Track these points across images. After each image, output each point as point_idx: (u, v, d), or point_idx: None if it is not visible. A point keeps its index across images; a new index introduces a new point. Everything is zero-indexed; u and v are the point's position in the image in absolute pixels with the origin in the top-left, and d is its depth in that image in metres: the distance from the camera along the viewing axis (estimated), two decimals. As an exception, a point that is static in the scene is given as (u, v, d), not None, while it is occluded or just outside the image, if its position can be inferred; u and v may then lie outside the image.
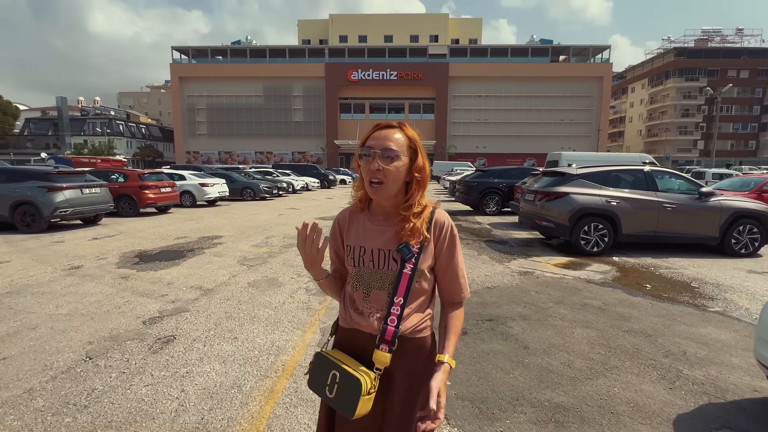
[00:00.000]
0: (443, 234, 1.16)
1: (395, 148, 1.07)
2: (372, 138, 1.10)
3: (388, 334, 1.09)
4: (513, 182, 11.81)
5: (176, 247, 7.10)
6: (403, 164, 1.09)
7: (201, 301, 4.23)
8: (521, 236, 8.53)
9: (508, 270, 5.61)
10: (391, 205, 1.14)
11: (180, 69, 53.03)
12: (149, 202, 11.72)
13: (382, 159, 1.06)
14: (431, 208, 1.16)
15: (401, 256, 1.10)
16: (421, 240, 1.12)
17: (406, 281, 1.10)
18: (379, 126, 1.13)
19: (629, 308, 4.08)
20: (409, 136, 1.12)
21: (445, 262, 1.16)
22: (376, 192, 1.09)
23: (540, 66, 51.41)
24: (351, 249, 1.18)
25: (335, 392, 1.07)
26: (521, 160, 49.27)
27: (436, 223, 1.15)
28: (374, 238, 1.15)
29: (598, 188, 6.65)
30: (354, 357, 1.13)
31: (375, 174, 1.07)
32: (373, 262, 1.14)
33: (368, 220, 1.19)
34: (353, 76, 50.91)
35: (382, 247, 1.14)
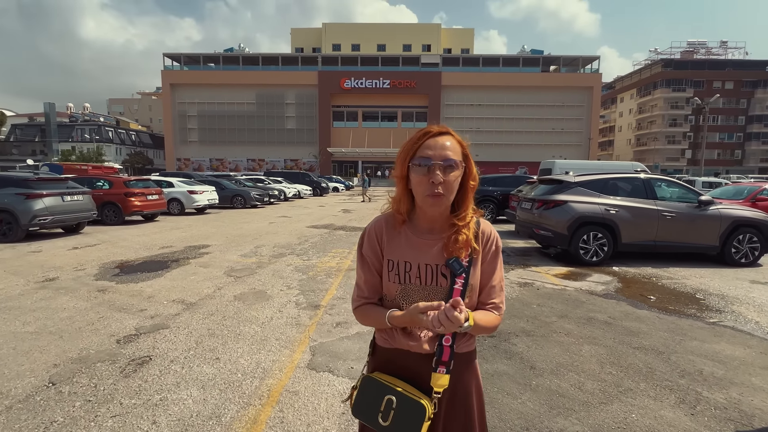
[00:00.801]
0: (489, 245, 1.11)
1: (455, 158, 1.01)
2: (427, 146, 1.02)
3: (446, 354, 1.02)
4: (508, 190, 11.69)
5: (160, 258, 6.78)
6: (460, 174, 1.04)
7: (183, 316, 3.95)
8: (518, 245, 8.36)
9: (507, 281, 5.40)
10: (441, 215, 1.08)
11: (171, 76, 52.64)
12: (135, 210, 11.35)
13: (443, 169, 0.99)
14: (475, 219, 1.11)
15: (451, 270, 1.04)
16: (470, 253, 1.06)
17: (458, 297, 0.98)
18: (430, 133, 1.04)
19: (636, 322, 3.88)
20: (461, 143, 1.07)
21: (489, 274, 1.10)
22: (435, 204, 1.02)
23: (531, 76, 52.03)
24: (394, 264, 1.09)
25: (391, 419, 0.99)
26: (513, 168, 49.48)
27: (483, 233, 1.10)
28: (421, 252, 1.08)
29: (596, 196, 6.51)
30: (402, 379, 1.06)
31: (437, 186, 0.99)
32: (420, 278, 1.07)
33: (412, 233, 1.10)
34: (346, 84, 50.99)
35: (430, 263, 1.07)
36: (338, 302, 4.44)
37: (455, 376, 1.06)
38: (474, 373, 1.13)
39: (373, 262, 1.12)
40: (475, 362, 1.15)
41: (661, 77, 59.20)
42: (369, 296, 1.13)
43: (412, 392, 1.01)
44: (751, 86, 58.57)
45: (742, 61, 60.70)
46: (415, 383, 1.04)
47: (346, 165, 53.79)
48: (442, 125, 1.07)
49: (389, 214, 1.14)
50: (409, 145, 1.05)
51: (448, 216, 1.08)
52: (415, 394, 1.00)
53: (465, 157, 1.06)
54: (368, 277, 1.13)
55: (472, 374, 1.13)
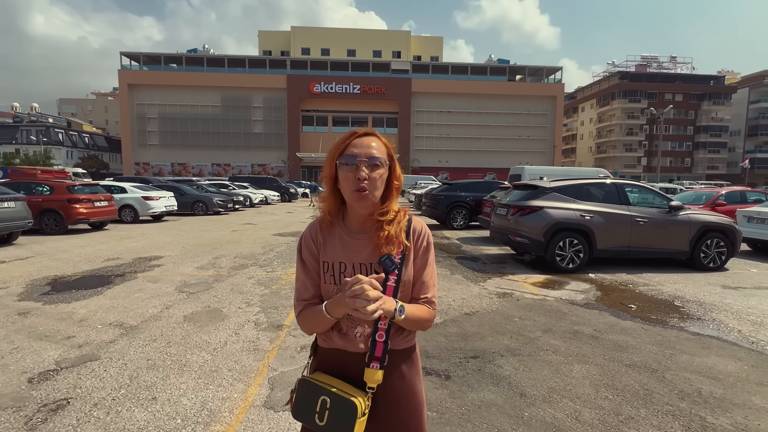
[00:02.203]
0: (421, 241, 1.13)
1: (380, 156, 1.05)
2: (354, 145, 1.06)
3: (378, 350, 1.05)
4: (480, 196, 11.57)
5: (103, 271, 6.05)
6: (385, 172, 1.07)
7: (118, 343, 3.37)
8: (492, 252, 8.17)
9: (486, 291, 5.12)
10: (369, 214, 1.10)
11: (129, 75, 50.02)
12: (80, 218, 10.33)
13: (368, 167, 1.03)
14: (407, 216, 1.14)
15: (384, 268, 1.05)
16: (402, 249, 1.08)
17: (391, 294, 1.04)
18: (357, 134, 1.08)
19: (623, 335, 3.68)
20: (386, 145, 1.11)
21: (421, 269, 1.13)
22: (361, 199, 1.04)
23: (498, 84, 53.36)
24: (329, 266, 1.11)
25: (326, 419, 1.01)
26: (482, 174, 50.44)
27: (414, 230, 1.13)
28: (354, 252, 1.10)
29: (572, 202, 6.40)
30: (340, 377, 1.09)
31: (361, 182, 1.02)
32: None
33: (345, 234, 1.13)
34: (316, 88, 50.28)
35: (364, 262, 1.09)
36: (304, 320, 3.98)
37: (395, 374, 1.09)
38: (415, 369, 1.15)
39: (313, 265, 1.13)
40: (415, 358, 1.17)
41: (618, 88, 62.36)
42: (310, 298, 1.12)
43: (345, 391, 1.02)
44: (698, 99, 62.76)
45: (689, 75, 65.07)
46: (352, 381, 1.06)
47: (316, 170, 52.88)
48: (372, 129, 1.11)
49: (323, 217, 1.15)
50: (337, 145, 1.08)
51: (375, 213, 1.10)
52: (349, 392, 1.01)
53: (390, 158, 1.09)
54: (309, 280, 1.13)
55: (413, 371, 1.14)
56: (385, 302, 0.95)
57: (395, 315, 0.98)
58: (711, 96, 62.42)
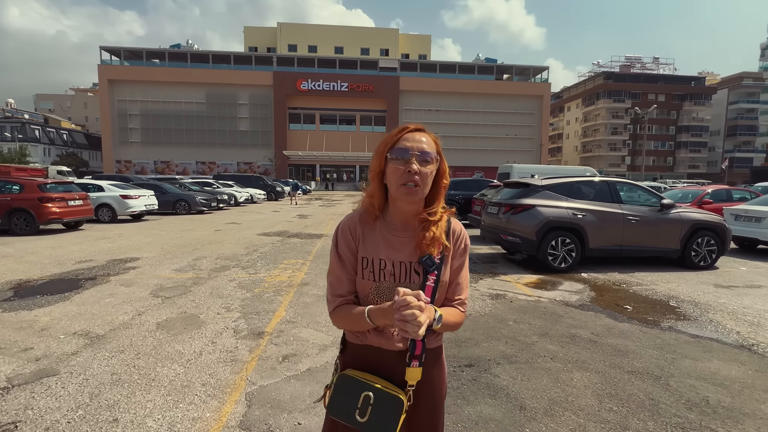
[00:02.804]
0: (459, 243, 1.13)
1: (431, 151, 1.03)
2: (406, 139, 1.04)
3: (418, 349, 1.04)
4: (470, 194, 11.43)
5: (74, 275, 5.68)
6: (435, 169, 1.05)
7: (81, 355, 3.07)
8: (483, 251, 8.02)
9: (478, 293, 4.95)
10: (414, 212, 1.08)
11: (110, 71, 48.65)
12: (52, 218, 9.82)
13: (420, 161, 1.01)
14: (446, 217, 1.12)
15: (423, 268, 1.05)
16: (441, 250, 1.08)
17: (430, 294, 1.03)
18: (408, 129, 1.06)
19: (621, 339, 3.53)
20: (436, 141, 1.08)
21: (457, 271, 1.12)
22: (410, 194, 1.02)
23: (486, 83, 53.57)
24: (368, 262, 1.08)
25: (369, 415, 1.00)
26: (470, 173, 50.59)
27: (454, 231, 1.12)
28: (395, 250, 1.08)
29: (564, 200, 6.27)
30: (375, 374, 1.07)
31: (412, 177, 1.00)
32: (394, 276, 1.07)
33: (386, 230, 1.10)
34: (303, 85, 49.69)
35: (404, 260, 1.07)
36: (287, 327, 3.74)
37: (427, 370, 1.08)
38: (441, 367, 1.16)
39: (350, 260, 1.10)
40: (442, 356, 1.18)
41: (603, 88, 63.26)
42: (346, 294, 1.10)
43: (389, 387, 1.02)
44: (680, 99, 64.11)
45: (672, 75, 66.42)
46: (388, 378, 1.06)
47: (303, 168, 52.34)
48: (419, 123, 1.08)
49: (362, 211, 1.13)
50: (387, 139, 1.06)
51: (420, 212, 1.08)
52: (392, 389, 1.02)
53: (439, 155, 1.07)
54: (345, 275, 1.10)
55: (440, 368, 1.16)
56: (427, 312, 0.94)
57: (433, 324, 0.98)
58: (692, 96, 63.84)
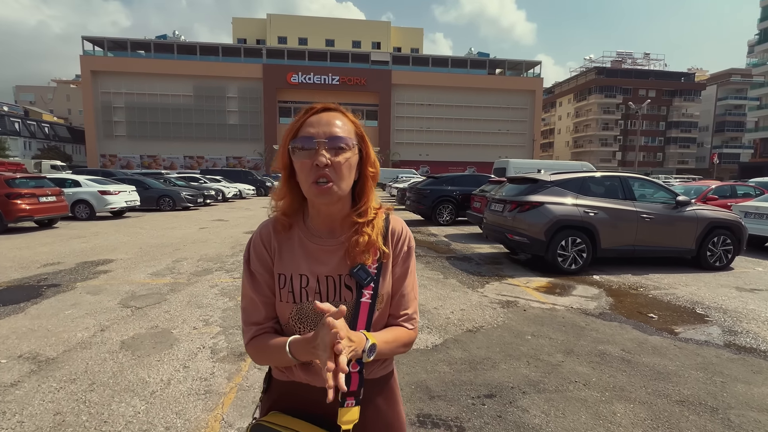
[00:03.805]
0: (401, 246, 0.91)
1: (345, 136, 0.80)
2: (309, 124, 0.80)
3: (354, 383, 0.80)
4: (468, 190, 11.00)
5: (35, 280, 5.09)
6: (354, 156, 0.82)
7: (22, 387, 2.54)
8: (484, 251, 7.58)
9: (486, 299, 4.49)
10: (338, 212, 0.86)
11: (93, 62, 47.06)
12: (21, 215, 9.13)
13: (330, 150, 0.78)
14: (383, 214, 0.90)
15: (357, 281, 0.84)
16: (378, 257, 0.86)
17: (366, 312, 0.82)
18: (314, 109, 0.83)
19: (657, 356, 3.10)
20: (354, 122, 0.85)
21: (401, 280, 0.90)
22: (323, 194, 0.79)
23: (478, 78, 53.16)
24: (286, 280, 0.86)
25: None
26: (462, 168, 50.29)
27: (393, 232, 0.90)
28: (319, 262, 0.86)
29: (574, 197, 5.84)
30: (303, 418, 0.85)
31: (322, 171, 0.77)
32: (319, 294, 0.85)
33: (306, 239, 0.88)
34: (293, 78, 48.72)
35: (331, 274, 0.85)
36: (274, 345, 3.24)
37: (371, 407, 0.87)
38: (393, 399, 0.93)
39: (265, 279, 0.89)
40: (393, 385, 0.94)
41: (595, 84, 63.29)
42: (263, 321, 0.87)
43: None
44: (670, 95, 64.48)
45: (662, 71, 66.72)
46: (319, 421, 0.85)
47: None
48: (335, 104, 0.84)
49: (277, 218, 0.90)
50: (290, 125, 0.84)
51: (349, 213, 0.87)
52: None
53: (360, 138, 0.85)
54: (260, 297, 0.88)
55: (390, 401, 0.93)
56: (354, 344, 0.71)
57: (363, 357, 0.75)
58: (682, 92, 64.23)
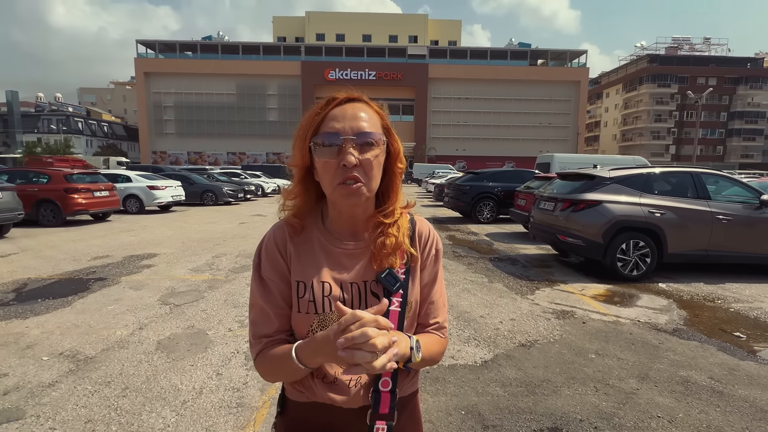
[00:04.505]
0: (429, 249, 0.81)
1: (373, 130, 0.70)
2: (333, 118, 0.69)
3: (385, 404, 0.71)
4: (510, 186, 10.44)
5: (84, 273, 5.25)
6: (383, 152, 0.72)
7: (59, 389, 2.49)
8: (530, 251, 7.09)
9: (538, 308, 4.09)
10: (363, 213, 0.76)
11: (146, 64, 49.74)
12: (78, 209, 9.64)
13: (358, 147, 0.68)
14: (407, 214, 0.81)
15: (385, 287, 0.74)
16: (406, 261, 0.76)
17: (396, 322, 0.71)
18: (336, 100, 0.71)
19: (755, 388, 2.62)
20: (379, 113, 0.75)
21: (429, 286, 0.81)
22: (351, 195, 0.68)
23: (519, 69, 51.16)
24: (306, 288, 0.74)
25: None
26: (500, 163, 48.75)
27: (420, 234, 0.81)
28: (342, 267, 0.75)
29: (637, 195, 5.26)
30: None
31: (351, 171, 0.67)
32: (344, 303, 0.72)
33: (328, 242, 0.77)
34: (330, 75, 49.09)
35: (356, 280, 0.75)
36: (310, 352, 3.05)
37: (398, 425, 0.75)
38: (417, 419, 0.84)
39: (279, 288, 0.76)
40: (418, 403, 0.85)
41: (647, 72, 59.12)
42: (273, 334, 0.75)
43: None
44: (733, 83, 59.05)
45: (725, 57, 61.23)
46: None
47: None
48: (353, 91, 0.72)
49: (290, 220, 0.79)
50: (309, 118, 0.72)
51: (373, 213, 0.77)
52: None
53: (387, 132, 0.74)
54: (272, 308, 0.75)
55: (415, 422, 0.83)
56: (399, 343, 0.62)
57: (411, 357, 0.66)
58: (747, 80, 58.67)
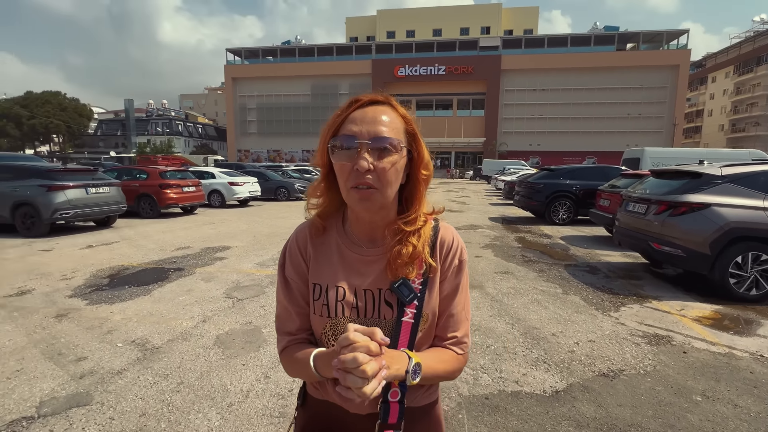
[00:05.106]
0: (451, 258, 0.79)
1: (392, 135, 0.69)
2: (352, 120, 0.69)
3: (393, 415, 0.71)
4: (591, 185, 9.42)
5: (167, 263, 5.71)
6: (402, 160, 0.71)
7: (124, 377, 2.64)
8: (614, 259, 6.27)
9: (624, 329, 3.52)
10: (382, 219, 0.76)
11: (233, 70, 54.19)
12: (170, 203, 10.69)
13: (374, 152, 0.68)
14: (431, 222, 0.79)
15: (399, 298, 0.74)
16: (424, 271, 0.75)
17: (408, 333, 0.72)
18: (359, 102, 0.71)
19: None
20: (404, 116, 0.74)
21: (450, 298, 0.78)
22: (363, 200, 0.69)
23: (604, 55, 46.56)
24: (321, 290, 0.77)
25: None
26: (580, 159, 44.94)
27: (443, 242, 0.79)
28: (358, 273, 0.77)
29: (759, 197, 4.31)
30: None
31: (363, 176, 0.67)
32: (356, 309, 0.76)
33: (345, 246, 0.79)
34: (400, 72, 49.16)
35: (370, 287, 0.76)
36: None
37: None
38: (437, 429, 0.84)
39: (299, 288, 0.80)
40: (438, 416, 0.84)
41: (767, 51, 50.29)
42: (296, 332, 0.80)
43: None
44: None
45: None
46: None
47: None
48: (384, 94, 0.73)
49: (313, 221, 0.81)
50: (332, 119, 0.72)
51: (393, 219, 0.76)
52: None
53: (411, 137, 0.74)
54: (294, 307, 0.80)
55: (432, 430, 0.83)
56: (392, 364, 0.64)
57: (407, 379, 0.67)
58: None
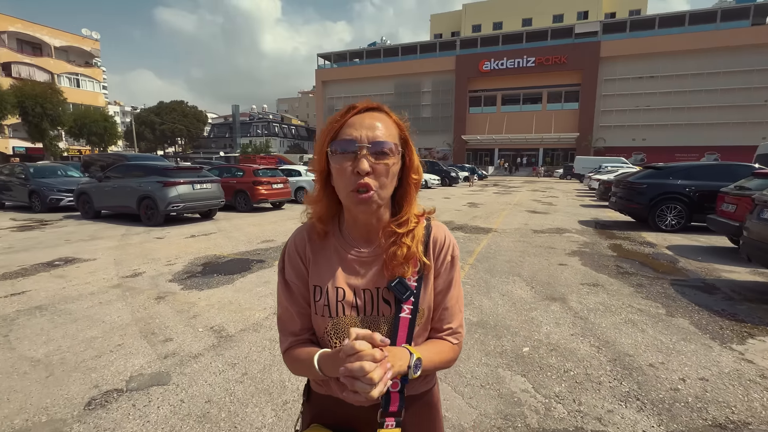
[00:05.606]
0: (444, 256, 0.86)
1: (389, 140, 0.76)
2: (351, 125, 0.76)
3: (394, 403, 0.77)
4: (711, 186, 7.95)
5: (252, 254, 6.18)
6: (397, 162, 0.78)
7: (200, 361, 2.85)
8: (740, 277, 5.17)
9: (752, 368, 2.83)
10: (377, 221, 0.82)
11: (323, 74, 57.38)
12: (261, 198, 11.65)
13: (372, 156, 0.74)
14: (424, 221, 0.85)
15: (396, 296, 0.80)
16: (419, 268, 0.82)
17: (406, 328, 0.79)
18: (356, 109, 0.78)
19: None
20: (398, 123, 0.81)
21: (444, 293, 0.85)
22: (363, 202, 0.75)
23: (734, 32, 38.94)
24: (321, 292, 0.82)
25: None
26: (697, 155, 38.74)
27: (435, 241, 0.86)
28: (356, 274, 0.82)
29: None
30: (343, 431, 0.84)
31: (363, 178, 0.73)
32: (357, 308, 0.81)
33: (342, 248, 0.84)
34: (485, 66, 47.30)
35: (368, 287, 0.81)
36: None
37: (410, 426, 0.82)
38: (434, 417, 0.90)
39: (300, 290, 0.85)
40: (435, 402, 0.90)
41: None
42: (299, 333, 0.85)
43: None
44: None
45: None
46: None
47: (481, 153, 50.57)
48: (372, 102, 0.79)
49: (311, 224, 0.86)
50: (328, 125, 0.78)
51: (388, 221, 0.82)
52: None
53: (404, 142, 0.81)
54: (295, 308, 0.84)
55: (432, 420, 0.89)
56: (395, 361, 0.69)
57: (409, 373, 0.73)
58: None
